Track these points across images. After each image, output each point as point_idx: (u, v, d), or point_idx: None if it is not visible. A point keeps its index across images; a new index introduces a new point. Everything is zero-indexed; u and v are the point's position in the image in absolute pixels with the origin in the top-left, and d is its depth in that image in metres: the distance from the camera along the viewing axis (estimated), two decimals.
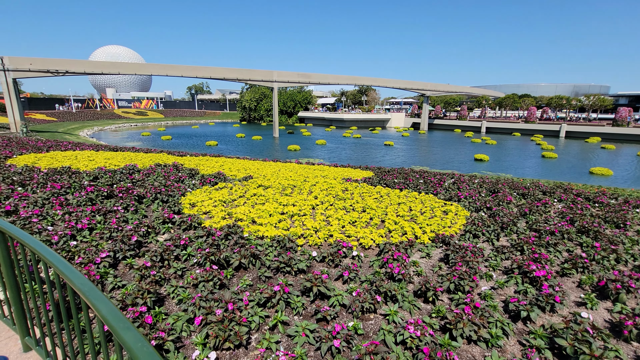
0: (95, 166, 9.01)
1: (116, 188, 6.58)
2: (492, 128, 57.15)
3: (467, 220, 5.95)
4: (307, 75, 46.86)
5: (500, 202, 7.18)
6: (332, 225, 5.34)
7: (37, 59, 33.52)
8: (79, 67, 35.57)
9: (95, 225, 4.80)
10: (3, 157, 9.93)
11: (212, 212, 5.75)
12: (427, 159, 27.55)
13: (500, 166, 23.61)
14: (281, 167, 11.67)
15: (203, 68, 41.37)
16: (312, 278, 3.52)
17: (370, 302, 3.24)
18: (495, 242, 5.21)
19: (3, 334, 2.82)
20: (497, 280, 3.99)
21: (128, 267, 3.94)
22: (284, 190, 7.46)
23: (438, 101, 76.21)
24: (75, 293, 1.90)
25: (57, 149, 13.00)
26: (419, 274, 4.10)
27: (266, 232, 4.87)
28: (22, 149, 11.93)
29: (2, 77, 32.18)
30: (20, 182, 6.69)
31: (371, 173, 10.83)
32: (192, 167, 9.91)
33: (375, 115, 69.56)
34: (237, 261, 3.95)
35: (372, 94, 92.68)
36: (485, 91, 73.29)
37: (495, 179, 11.25)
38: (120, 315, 1.33)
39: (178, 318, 2.98)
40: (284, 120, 75.10)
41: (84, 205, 5.68)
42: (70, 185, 6.66)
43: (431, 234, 5.20)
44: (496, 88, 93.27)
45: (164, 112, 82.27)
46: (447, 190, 8.26)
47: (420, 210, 6.40)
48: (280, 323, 3.02)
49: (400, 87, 56.72)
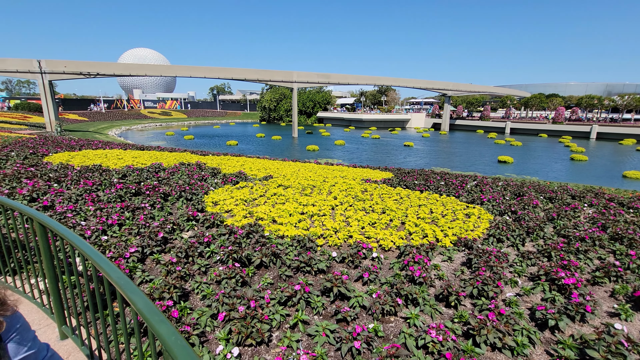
0: (123, 164, 9.40)
1: (143, 186, 6.84)
2: (517, 129, 55.21)
3: (490, 224, 5.80)
4: (326, 75, 46.93)
5: (525, 206, 6.95)
6: (352, 226, 5.34)
7: (71, 61, 35.31)
8: (108, 69, 37.21)
9: (124, 221, 5.02)
10: (41, 155, 10.53)
11: (233, 210, 5.88)
12: (448, 160, 26.96)
13: (525, 168, 22.78)
14: (300, 167, 11.75)
15: (225, 69, 42.26)
16: (333, 278, 3.54)
17: (390, 304, 3.22)
18: (520, 247, 5.04)
19: (42, 322, 3.00)
20: (522, 286, 3.87)
21: (155, 262, 4.09)
22: (303, 190, 7.52)
23: (460, 101, 74.43)
24: (111, 285, 2.01)
25: (88, 147, 13.65)
26: (440, 277, 4.04)
27: (286, 232, 4.93)
28: (57, 148, 12.61)
29: (39, 79, 34.12)
30: (56, 178, 7.08)
31: (391, 174, 10.73)
32: (214, 166, 10.16)
33: (394, 116, 68.75)
34: (259, 259, 4.02)
35: (392, 94, 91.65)
36: (510, 91, 70.91)
37: (520, 181, 10.88)
38: (155, 309, 1.40)
39: (202, 313, 3.07)
40: (303, 120, 75.52)
41: (113, 201, 5.95)
42: (101, 182, 6.99)
43: (453, 237, 5.10)
44: (522, 87, 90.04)
45: (187, 112, 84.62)
46: (470, 193, 8.07)
47: (441, 213, 6.28)
48: (300, 322, 3.05)
49: (421, 87, 55.78)
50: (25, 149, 11.47)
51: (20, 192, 5.95)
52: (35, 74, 33.91)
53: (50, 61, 34.31)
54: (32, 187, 6.20)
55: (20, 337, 1.04)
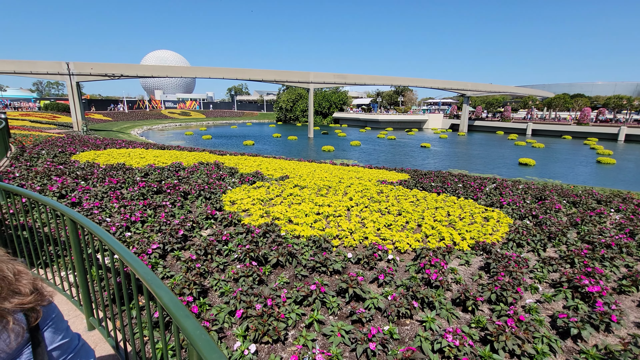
0: (145, 163, 9.72)
1: (164, 184, 7.06)
2: (539, 130, 53.45)
3: (510, 228, 5.66)
4: (342, 76, 46.88)
5: (547, 210, 6.74)
6: (367, 227, 5.34)
7: (97, 63, 36.72)
8: (131, 71, 38.47)
9: (147, 219, 5.20)
10: (69, 153, 11.03)
11: (250, 210, 5.98)
12: (466, 162, 26.41)
13: (548, 171, 22.04)
14: (316, 167, 11.81)
15: (243, 70, 42.90)
16: (348, 279, 3.56)
17: (406, 307, 3.21)
18: (541, 252, 4.91)
19: (71, 313, 3.16)
20: (543, 293, 3.77)
21: (175, 258, 4.22)
22: (319, 191, 7.56)
23: (479, 102, 72.75)
24: (137, 280, 2.11)
25: (112, 146, 14.18)
26: (457, 281, 3.98)
27: (302, 232, 4.98)
28: (84, 147, 13.16)
29: (67, 80, 35.66)
30: (83, 176, 7.40)
31: (407, 176, 10.63)
32: (231, 165, 10.35)
33: (411, 116, 67.88)
34: (275, 259, 4.09)
35: (409, 95, 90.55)
36: (532, 91, 68.73)
37: (542, 185, 10.55)
38: (180, 304, 1.47)
39: (221, 310, 3.16)
40: (319, 120, 75.66)
41: (136, 199, 6.16)
42: (124, 180, 7.26)
43: (471, 241, 5.02)
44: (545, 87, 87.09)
45: (205, 113, 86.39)
46: (488, 196, 7.89)
47: (459, 216, 6.19)
48: (316, 322, 3.09)
49: (439, 87, 54.86)
50: (54, 148, 12.03)
51: (50, 189, 6.26)
52: (64, 76, 35.47)
53: (78, 63, 35.80)
54: (61, 184, 6.50)
55: (55, 326, 1.10)
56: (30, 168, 8.33)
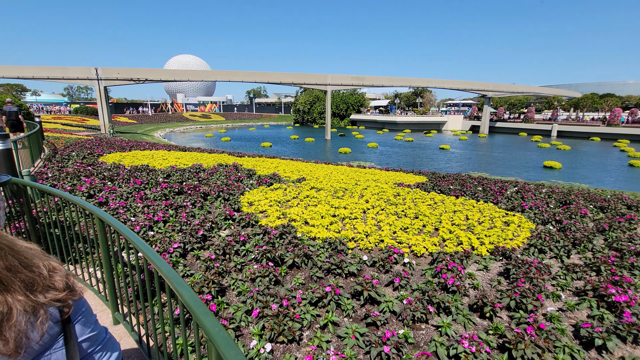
0: (168, 165, 10.05)
1: (185, 185, 7.29)
2: (565, 132, 51.35)
3: (531, 234, 5.50)
4: (360, 77, 46.75)
5: (572, 215, 6.49)
6: (383, 230, 5.32)
7: (123, 69, 38.24)
8: (155, 76, 39.83)
9: (168, 219, 5.39)
10: (96, 155, 11.55)
11: (267, 211, 6.09)
12: (487, 164, 25.73)
13: (574, 175, 21.15)
14: (333, 169, 11.84)
15: (262, 73, 43.57)
16: (363, 282, 3.57)
17: (422, 311, 3.19)
18: (565, 259, 4.74)
19: (98, 308, 3.33)
20: (566, 301, 3.64)
21: (195, 258, 4.36)
22: (335, 193, 7.59)
23: (501, 102, 70.72)
24: (160, 277, 2.21)
25: (137, 148, 14.73)
26: (475, 287, 3.91)
27: (318, 234, 5.02)
28: (110, 148, 13.74)
29: (96, 85, 37.33)
30: (110, 177, 7.75)
31: (425, 178, 10.48)
32: (249, 167, 10.54)
33: (430, 118, 66.76)
34: (291, 260, 4.15)
35: (428, 96, 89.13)
36: (557, 91, 66.17)
37: (567, 189, 10.15)
38: (200, 302, 1.54)
39: (238, 309, 3.24)
40: (336, 122, 75.68)
41: (159, 199, 6.39)
42: (148, 181, 7.54)
43: (490, 246, 4.91)
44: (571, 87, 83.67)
45: (225, 115, 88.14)
46: (509, 200, 7.68)
47: (478, 220, 6.06)
48: (330, 323, 3.12)
49: (459, 88, 53.76)
50: (83, 150, 12.64)
51: (79, 189, 6.59)
52: (93, 81, 37.17)
53: (106, 69, 37.43)
54: (90, 185, 6.83)
55: (85, 320, 1.16)
56: (61, 169, 8.78)
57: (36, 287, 0.96)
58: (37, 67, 36.36)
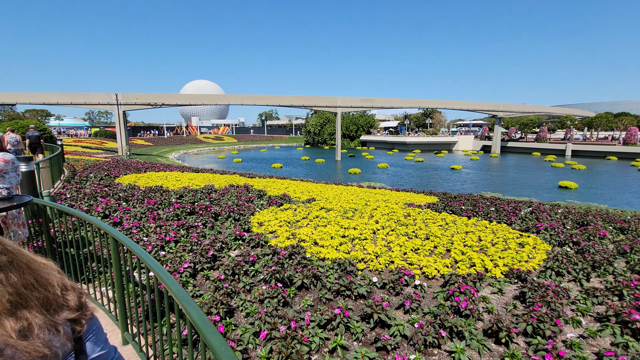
0: (180, 185, 10.27)
1: (197, 206, 7.41)
2: (579, 151, 50.37)
3: (547, 256, 5.33)
4: (370, 100, 47.50)
5: (590, 237, 6.28)
6: (394, 251, 5.25)
7: (141, 94, 39.96)
8: (171, 100, 41.41)
9: (180, 239, 5.46)
10: (113, 176, 11.91)
11: (277, 231, 6.10)
12: (499, 184, 25.29)
13: (591, 195, 20.55)
14: (343, 190, 11.85)
15: (273, 97, 44.80)
16: (373, 304, 3.50)
17: (434, 335, 3.10)
18: (584, 283, 4.56)
19: (108, 327, 3.35)
20: (587, 327, 3.48)
21: (205, 278, 4.38)
22: (345, 214, 7.57)
23: (512, 122, 70.35)
24: (170, 297, 2.24)
25: (152, 170, 15.13)
26: (489, 311, 3.79)
27: (327, 254, 4.99)
28: (126, 170, 14.16)
29: (115, 110, 39.00)
30: (125, 198, 7.95)
31: (435, 199, 10.38)
32: (260, 188, 10.66)
33: (440, 138, 66.70)
34: (300, 281, 4.12)
35: (438, 117, 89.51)
36: (570, 110, 65.57)
37: (584, 209, 9.87)
38: (208, 321, 1.56)
39: (246, 330, 3.21)
40: (346, 143, 76.29)
41: (171, 219, 6.50)
42: (161, 201, 7.70)
43: (504, 268, 4.77)
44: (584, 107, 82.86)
45: (237, 137, 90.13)
46: (524, 220, 7.50)
47: (491, 241, 5.92)
48: (339, 347, 3.05)
49: (469, 109, 53.91)
50: (101, 171, 13.06)
51: (96, 209, 6.78)
52: (112, 106, 38.86)
53: (125, 94, 39.17)
54: (105, 205, 7.02)
55: (96, 338, 1.19)
56: (79, 190, 9.08)
57: (51, 305, 1.01)
58: (61, 94, 38.35)
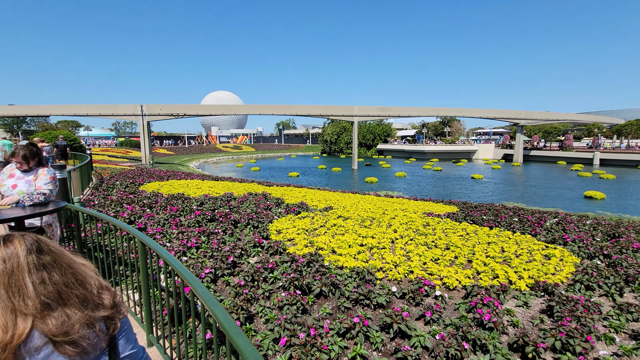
0: (201, 193, 10.53)
1: (217, 213, 7.57)
2: (608, 160, 48.16)
3: (576, 268, 5.11)
4: (386, 108, 47.41)
5: (623, 250, 5.98)
6: (413, 261, 5.17)
7: (164, 105, 41.55)
8: (192, 111, 42.82)
9: (201, 245, 5.59)
10: (137, 184, 12.37)
11: (295, 239, 6.15)
12: (522, 194, 24.48)
13: (621, 206, 19.56)
14: (360, 199, 11.81)
15: (290, 106, 45.49)
16: (392, 314, 3.46)
17: (456, 348, 3.03)
18: (617, 297, 4.33)
19: (134, 330, 3.46)
20: (621, 345, 3.30)
21: (225, 283, 4.45)
22: (362, 222, 7.54)
23: (535, 130, 68.25)
24: (195, 300, 2.30)
25: (174, 178, 15.61)
26: (514, 324, 3.66)
27: (345, 263, 4.98)
28: (150, 178, 14.67)
29: (140, 120, 40.65)
30: (149, 205, 8.23)
31: (455, 208, 10.17)
32: (278, 196, 10.78)
33: (459, 147, 65.46)
34: (319, 288, 4.12)
35: (456, 125, 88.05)
36: (598, 118, 63.10)
37: (615, 221, 9.40)
38: (234, 323, 1.61)
39: (265, 336, 3.24)
40: (363, 152, 76.13)
41: (192, 226, 6.67)
42: (183, 209, 7.93)
43: (529, 281, 4.61)
44: (613, 114, 79.48)
45: (255, 146, 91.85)
46: (549, 232, 7.23)
47: (515, 252, 5.74)
48: (359, 356, 3.03)
49: (489, 117, 52.84)
50: (126, 179, 13.59)
51: (122, 215, 7.05)
52: (137, 116, 40.55)
53: (149, 105, 40.85)
54: (131, 212, 7.29)
55: (127, 337, 1.26)
56: (106, 197, 9.47)
57: (88, 303, 1.08)
58: (90, 106, 40.42)
